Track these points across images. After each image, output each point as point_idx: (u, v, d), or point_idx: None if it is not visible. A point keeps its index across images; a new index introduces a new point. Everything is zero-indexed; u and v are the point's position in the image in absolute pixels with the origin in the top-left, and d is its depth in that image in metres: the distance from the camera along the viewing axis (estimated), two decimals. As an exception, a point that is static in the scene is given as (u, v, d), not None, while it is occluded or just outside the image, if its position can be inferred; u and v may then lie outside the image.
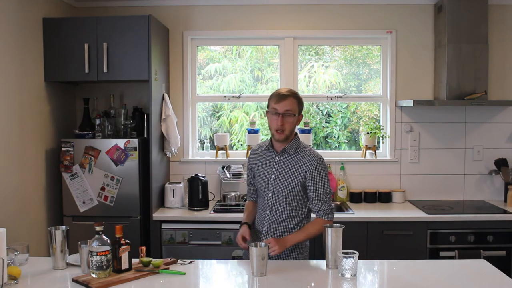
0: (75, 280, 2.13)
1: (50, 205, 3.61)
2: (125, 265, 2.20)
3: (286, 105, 2.47)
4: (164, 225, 3.53)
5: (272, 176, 2.56)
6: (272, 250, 2.35)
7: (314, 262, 2.47)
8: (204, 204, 3.70)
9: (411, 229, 3.47)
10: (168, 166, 4.06)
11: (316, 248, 3.42)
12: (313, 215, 2.59)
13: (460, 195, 4.08)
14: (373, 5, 4.01)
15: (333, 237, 2.28)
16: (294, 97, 2.51)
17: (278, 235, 2.54)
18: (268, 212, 2.58)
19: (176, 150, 3.90)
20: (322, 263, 2.37)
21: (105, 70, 3.50)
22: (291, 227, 2.55)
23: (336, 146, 4.36)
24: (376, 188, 4.04)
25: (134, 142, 3.52)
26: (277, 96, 2.50)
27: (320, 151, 4.19)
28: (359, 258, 2.20)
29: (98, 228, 2.16)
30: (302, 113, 2.62)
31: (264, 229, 2.59)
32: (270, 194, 2.56)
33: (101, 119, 3.64)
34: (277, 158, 2.57)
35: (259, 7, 4.02)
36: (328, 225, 2.33)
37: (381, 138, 4.07)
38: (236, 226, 2.93)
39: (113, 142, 3.54)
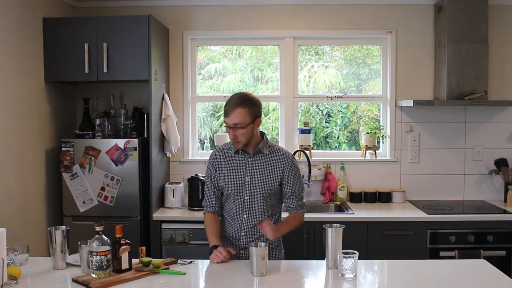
0: (75, 280, 2.13)
1: (50, 205, 3.61)
2: (125, 265, 2.20)
3: (233, 118, 2.41)
4: (164, 225, 3.53)
5: (247, 178, 2.54)
6: (266, 231, 2.37)
7: (314, 262, 2.47)
8: (204, 204, 3.69)
9: (411, 229, 3.47)
10: (168, 166, 4.06)
11: (316, 248, 3.42)
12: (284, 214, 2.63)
13: (460, 195, 4.08)
14: (373, 5, 4.01)
15: (333, 237, 2.28)
16: (242, 106, 2.40)
17: (257, 238, 2.54)
18: (245, 215, 2.56)
19: (176, 150, 3.90)
20: (322, 263, 2.36)
21: (105, 70, 3.50)
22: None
23: (336, 146, 4.36)
24: (376, 188, 4.04)
25: (134, 142, 3.52)
26: (225, 109, 2.45)
27: (320, 151, 4.24)
28: (359, 258, 2.20)
29: (98, 228, 2.16)
30: (302, 111, 2.62)
31: (242, 234, 2.57)
32: (246, 197, 2.54)
33: (101, 119, 3.64)
34: (249, 160, 2.55)
35: (259, 7, 4.02)
36: (328, 225, 2.33)
37: (381, 138, 4.07)
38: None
39: (113, 142, 3.54)
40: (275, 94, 4.19)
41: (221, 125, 4.39)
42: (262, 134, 2.59)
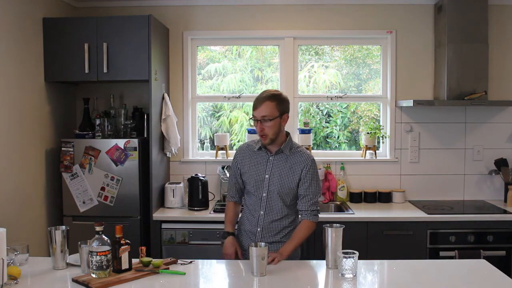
0: (75, 280, 2.13)
1: (50, 205, 3.61)
2: (125, 265, 2.20)
3: (262, 111, 2.48)
4: (164, 225, 3.52)
5: (267, 176, 2.57)
6: (273, 259, 2.36)
7: (314, 262, 2.48)
8: (204, 204, 3.69)
9: (411, 229, 3.47)
10: (168, 166, 4.06)
11: (316, 248, 3.42)
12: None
13: (460, 195, 4.08)
14: (373, 5, 4.01)
15: (333, 237, 2.29)
16: (271, 100, 2.48)
17: (273, 234, 2.58)
18: (262, 212, 2.59)
19: (176, 150, 3.90)
20: (322, 263, 2.37)
21: (105, 70, 3.50)
22: (286, 225, 2.59)
23: (336, 146, 4.36)
24: (376, 188, 4.04)
25: (134, 142, 3.52)
26: (254, 103, 2.53)
27: (320, 151, 4.24)
28: (359, 258, 2.20)
29: (98, 228, 2.16)
30: (302, 111, 2.63)
31: (259, 229, 2.60)
32: (264, 194, 2.58)
33: (101, 119, 3.64)
34: (271, 158, 2.59)
35: (259, 7, 4.02)
36: (328, 225, 2.33)
37: (381, 138, 4.07)
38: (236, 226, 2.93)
39: (113, 142, 3.54)
40: (275, 94, 4.19)
41: (220, 125, 4.40)
42: (287, 134, 2.62)
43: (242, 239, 2.69)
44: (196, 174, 3.80)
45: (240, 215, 2.79)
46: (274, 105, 2.48)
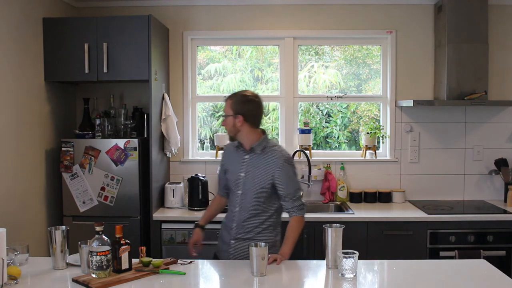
0: (75, 280, 2.13)
1: (50, 205, 3.60)
2: (125, 265, 2.20)
3: (224, 109, 2.64)
4: (164, 225, 3.53)
5: (242, 174, 2.62)
6: (274, 259, 2.39)
7: (314, 262, 2.48)
8: (204, 204, 3.69)
9: (411, 229, 3.46)
10: (168, 166, 4.06)
11: (316, 248, 3.42)
12: (284, 214, 2.65)
13: (460, 195, 4.09)
14: (373, 5, 4.01)
15: (333, 237, 2.29)
16: (230, 98, 2.60)
17: (246, 231, 2.61)
18: (237, 208, 2.63)
19: (176, 150, 3.90)
20: (322, 263, 2.36)
21: (105, 70, 3.50)
22: (259, 223, 2.61)
23: (336, 146, 4.36)
24: (376, 188, 4.04)
25: (134, 142, 3.52)
26: None
27: (320, 151, 4.24)
28: (359, 258, 2.20)
29: (98, 228, 2.16)
30: (302, 111, 2.65)
31: (234, 225, 2.65)
32: (239, 192, 2.63)
33: (101, 119, 3.64)
34: (246, 156, 2.63)
35: (259, 7, 4.02)
36: (328, 225, 2.33)
37: (381, 138, 4.07)
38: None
39: (113, 142, 3.54)
40: (275, 94, 4.19)
41: (221, 125, 4.39)
42: (264, 133, 2.64)
43: (222, 232, 2.77)
44: (196, 174, 3.80)
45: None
46: (229, 103, 2.57)
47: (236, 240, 2.62)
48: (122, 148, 3.51)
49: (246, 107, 2.56)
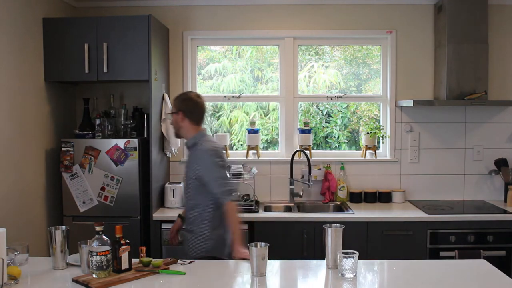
0: (75, 280, 2.13)
1: (50, 205, 3.60)
2: (125, 265, 2.20)
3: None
4: (164, 225, 3.52)
5: (184, 169, 2.90)
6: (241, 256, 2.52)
7: (314, 262, 2.48)
8: (204, 204, 3.69)
9: (411, 229, 3.47)
10: (168, 166, 4.06)
11: (316, 248, 3.42)
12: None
13: (460, 195, 4.09)
14: (373, 5, 4.01)
15: (333, 237, 2.29)
16: (175, 98, 2.89)
17: (189, 223, 2.81)
18: (185, 200, 2.90)
19: (176, 150, 3.90)
20: (322, 263, 2.37)
21: (105, 70, 3.50)
22: (195, 216, 2.75)
23: (336, 146, 4.36)
24: (376, 188, 4.04)
25: (134, 142, 3.52)
26: None
27: (320, 151, 4.24)
28: (359, 258, 2.20)
29: (98, 228, 2.16)
30: (302, 111, 2.68)
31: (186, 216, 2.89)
32: (184, 184, 2.91)
33: (101, 119, 3.64)
34: (186, 152, 2.91)
35: (259, 7, 4.03)
36: (328, 225, 2.33)
37: (381, 138, 4.07)
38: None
39: (113, 142, 3.54)
40: (275, 94, 4.19)
41: (220, 125, 4.40)
42: (201, 131, 2.84)
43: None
44: (196, 174, 3.80)
45: None
46: (173, 102, 2.87)
47: (186, 232, 2.86)
48: (122, 148, 3.51)
49: (185, 104, 2.80)
